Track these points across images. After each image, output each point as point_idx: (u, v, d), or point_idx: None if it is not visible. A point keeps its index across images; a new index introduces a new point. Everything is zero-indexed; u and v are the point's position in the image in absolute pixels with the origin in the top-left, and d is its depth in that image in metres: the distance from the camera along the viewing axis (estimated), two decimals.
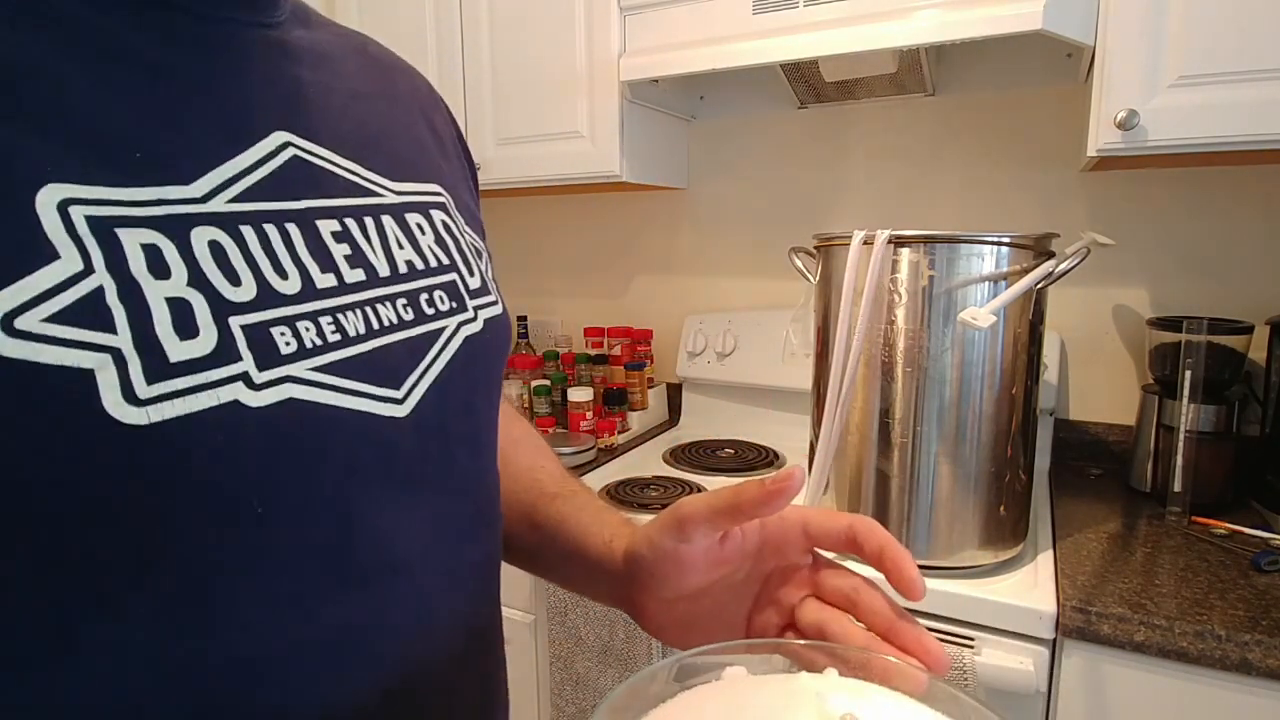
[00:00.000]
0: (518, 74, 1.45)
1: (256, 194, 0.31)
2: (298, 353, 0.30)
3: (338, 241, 0.34)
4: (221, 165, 0.31)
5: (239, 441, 0.28)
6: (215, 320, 0.28)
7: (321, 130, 0.36)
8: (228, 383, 0.28)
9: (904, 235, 0.91)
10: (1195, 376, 1.10)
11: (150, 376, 0.26)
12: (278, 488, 0.30)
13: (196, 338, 0.27)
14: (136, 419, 0.25)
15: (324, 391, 0.31)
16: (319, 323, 0.32)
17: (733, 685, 0.28)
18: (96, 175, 0.26)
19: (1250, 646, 0.78)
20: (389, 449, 0.34)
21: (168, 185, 0.28)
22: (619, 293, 1.83)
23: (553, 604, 1.15)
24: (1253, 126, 0.94)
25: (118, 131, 0.28)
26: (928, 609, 0.92)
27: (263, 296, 0.30)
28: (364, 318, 0.34)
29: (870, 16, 1.11)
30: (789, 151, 1.58)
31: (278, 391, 0.29)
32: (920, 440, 0.94)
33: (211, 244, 0.29)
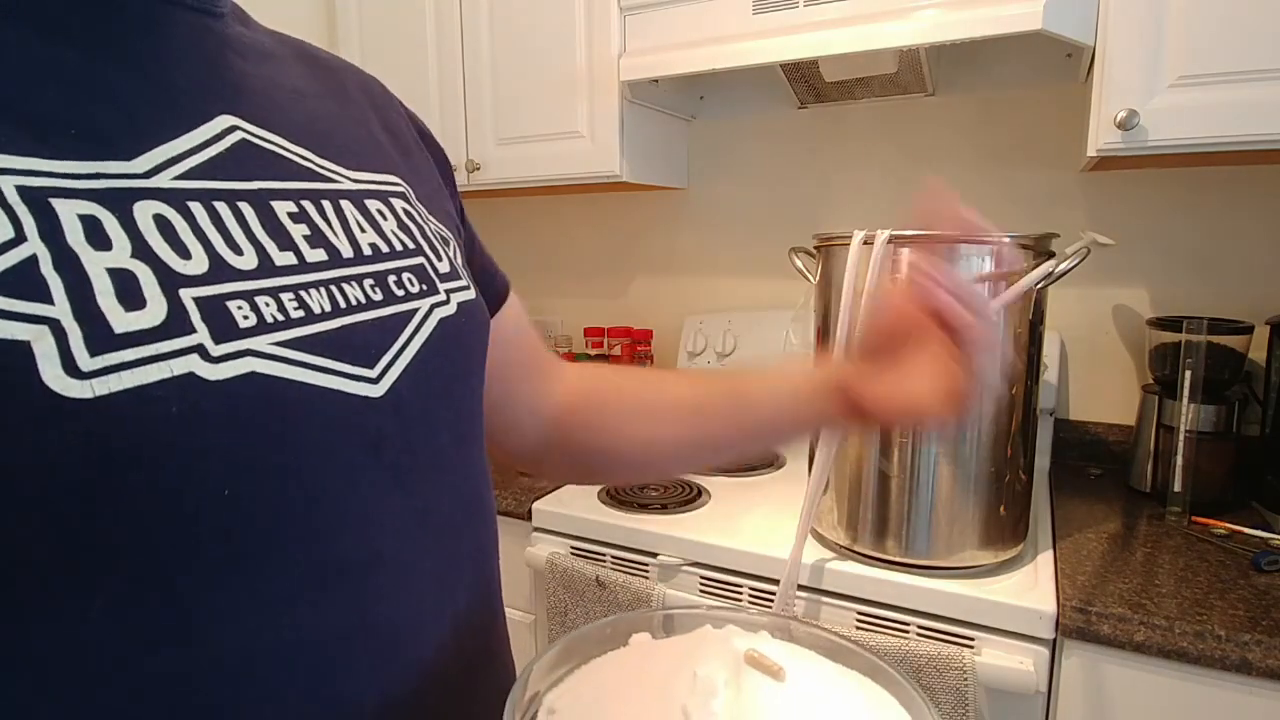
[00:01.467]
0: (518, 74, 1.45)
1: (205, 173, 0.30)
2: (257, 327, 0.29)
3: (295, 222, 0.33)
4: (165, 144, 0.30)
5: (198, 416, 0.26)
6: (164, 292, 0.27)
7: (270, 118, 0.35)
8: (181, 354, 0.26)
9: (904, 235, 0.91)
10: (1195, 376, 1.10)
11: (93, 347, 0.24)
12: (246, 469, 0.28)
13: (144, 309, 0.26)
14: (80, 392, 0.24)
15: (289, 366, 0.30)
16: (280, 298, 0.30)
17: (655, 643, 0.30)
18: (28, 147, 0.25)
19: (1250, 646, 0.78)
20: (366, 430, 0.33)
21: (106, 160, 0.27)
22: (619, 293, 1.83)
23: (552, 604, 1.15)
24: (1252, 126, 0.94)
25: (51, 106, 0.27)
26: (928, 609, 0.92)
27: (216, 270, 0.29)
28: (329, 296, 0.33)
29: (870, 16, 1.11)
30: (789, 151, 1.58)
31: (237, 365, 0.28)
32: (920, 440, 0.94)
33: (157, 218, 0.28)
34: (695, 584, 1.07)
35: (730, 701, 0.26)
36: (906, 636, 0.93)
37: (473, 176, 1.53)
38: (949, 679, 0.86)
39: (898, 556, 0.96)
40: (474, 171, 1.53)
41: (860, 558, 0.99)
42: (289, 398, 0.29)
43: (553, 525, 1.19)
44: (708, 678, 0.27)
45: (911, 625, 0.93)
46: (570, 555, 1.15)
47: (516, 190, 1.61)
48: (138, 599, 0.26)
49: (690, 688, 0.27)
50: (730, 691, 0.27)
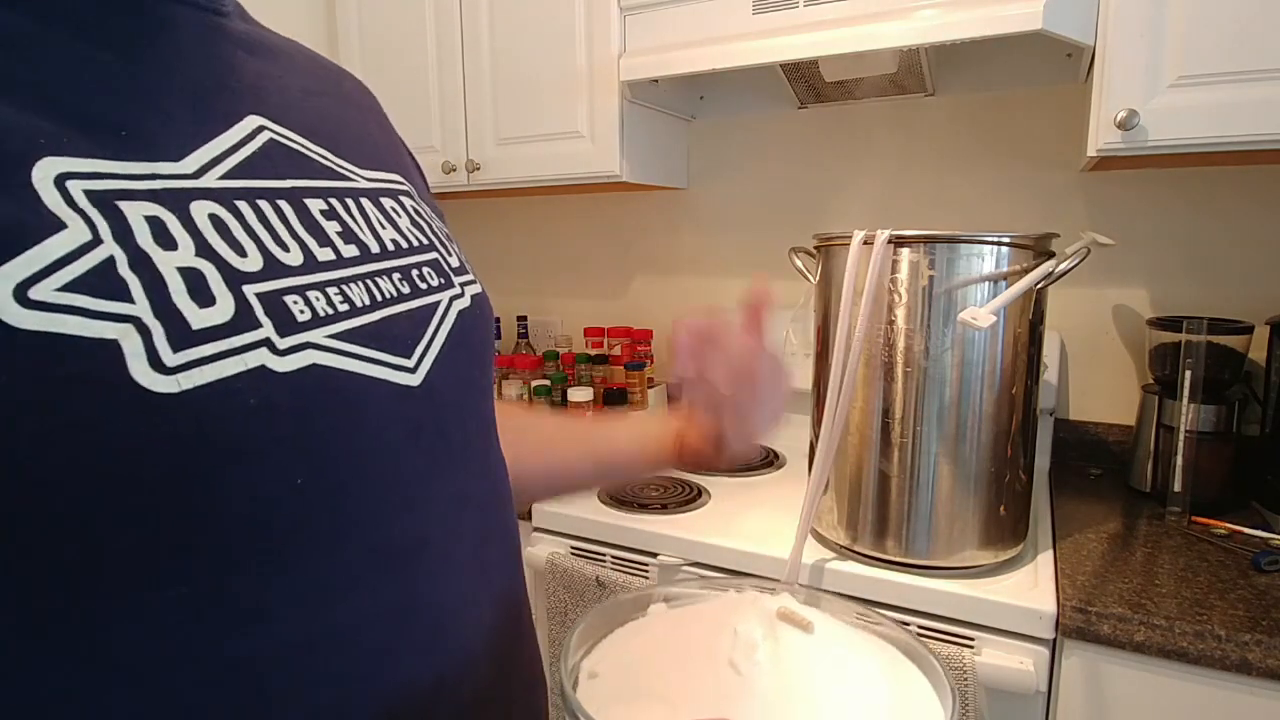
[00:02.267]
0: (518, 74, 1.45)
1: (244, 172, 0.31)
2: (313, 320, 0.30)
3: (327, 219, 0.34)
4: (206, 144, 0.31)
5: (271, 407, 0.27)
6: (230, 289, 0.28)
7: (289, 118, 0.36)
8: (253, 348, 0.27)
9: (904, 235, 0.91)
10: (1195, 376, 1.10)
11: (175, 344, 0.25)
12: (314, 458, 0.29)
13: (214, 305, 0.27)
14: (167, 387, 0.25)
15: (344, 358, 0.31)
16: (326, 293, 0.32)
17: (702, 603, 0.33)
18: (89, 149, 0.26)
19: (1250, 646, 0.78)
20: (408, 418, 0.34)
21: (159, 161, 0.28)
22: (619, 293, 1.83)
23: (553, 604, 1.15)
24: (1253, 126, 0.94)
25: (101, 108, 0.27)
26: (928, 609, 0.92)
27: (270, 267, 0.30)
28: (366, 290, 0.34)
29: (870, 16, 1.11)
30: (789, 151, 1.58)
31: (301, 357, 0.29)
32: (920, 440, 0.94)
33: (212, 217, 0.29)
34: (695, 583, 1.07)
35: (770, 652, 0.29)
36: None
37: (473, 176, 1.53)
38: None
39: (898, 556, 0.96)
40: (474, 171, 1.53)
41: (860, 558, 0.99)
42: (347, 388, 0.31)
43: (553, 525, 1.19)
44: (748, 633, 0.30)
45: (911, 625, 0.93)
46: (570, 555, 1.15)
47: (516, 190, 1.61)
48: (215, 586, 0.26)
49: (733, 643, 0.29)
50: (769, 644, 0.29)
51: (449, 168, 1.54)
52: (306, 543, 0.29)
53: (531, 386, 1.61)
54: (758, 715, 0.27)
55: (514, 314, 1.92)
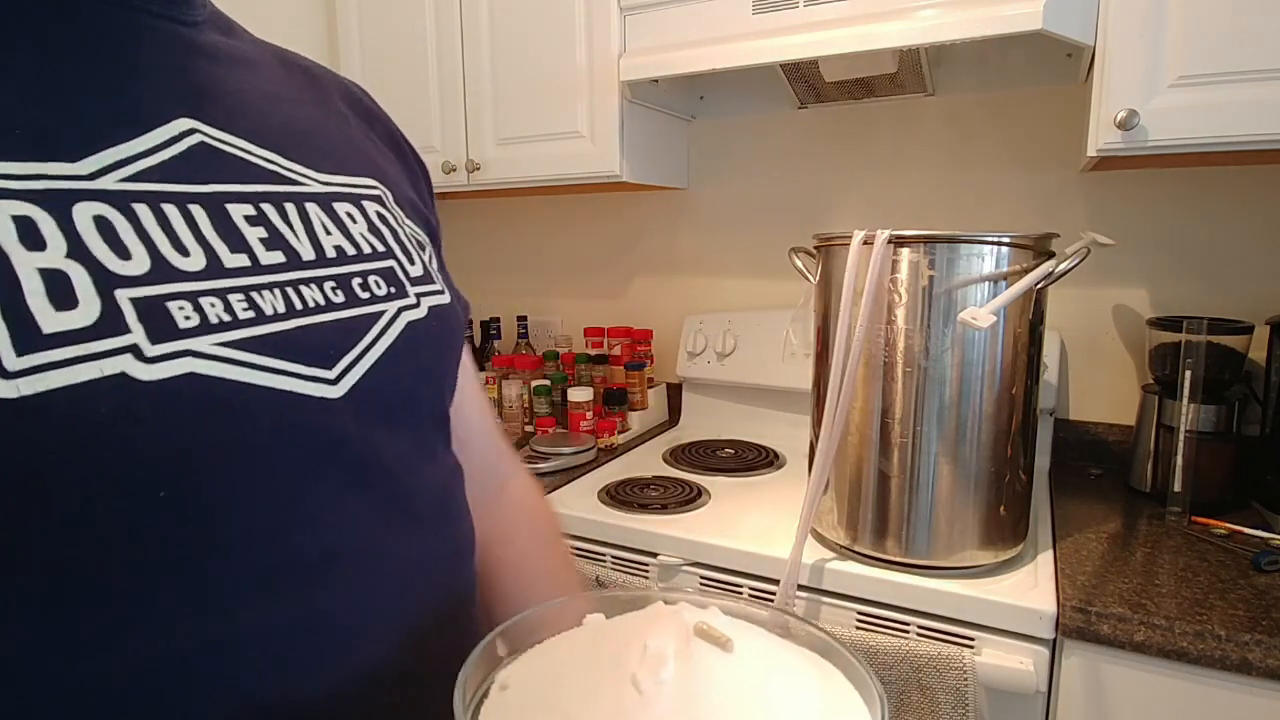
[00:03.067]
0: (518, 74, 1.45)
1: (155, 175, 0.31)
2: (199, 327, 0.29)
3: (251, 225, 0.33)
4: (115, 146, 0.30)
5: (130, 416, 0.26)
6: (99, 292, 0.27)
7: (236, 122, 0.35)
8: (114, 354, 0.26)
9: (904, 235, 0.91)
10: (1195, 376, 1.10)
11: (20, 347, 0.24)
12: (184, 470, 0.28)
13: (75, 309, 0.26)
14: (5, 392, 0.24)
15: (233, 367, 0.30)
16: (228, 299, 0.31)
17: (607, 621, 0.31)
18: None
19: (1250, 646, 0.78)
20: (322, 431, 0.33)
21: (50, 162, 0.27)
22: (619, 293, 1.83)
23: None
24: (1253, 126, 0.94)
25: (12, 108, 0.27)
26: (928, 609, 0.92)
27: (157, 271, 0.29)
28: (284, 297, 0.33)
29: (870, 16, 1.11)
30: (789, 151, 1.58)
31: (175, 365, 0.28)
32: (920, 440, 0.94)
33: (97, 219, 0.28)
34: (695, 584, 1.07)
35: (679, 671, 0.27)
36: (906, 636, 0.93)
37: (473, 176, 1.53)
38: (949, 679, 0.86)
39: (898, 556, 0.96)
40: (474, 171, 1.53)
41: (860, 558, 0.99)
42: (232, 398, 0.29)
43: None
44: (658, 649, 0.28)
45: (911, 625, 0.93)
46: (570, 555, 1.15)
47: (516, 190, 1.61)
48: (69, 601, 0.25)
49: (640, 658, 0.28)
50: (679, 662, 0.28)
51: (449, 168, 1.54)
52: (180, 558, 0.28)
53: (531, 386, 1.61)
54: None
55: (514, 314, 1.92)
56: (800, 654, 0.31)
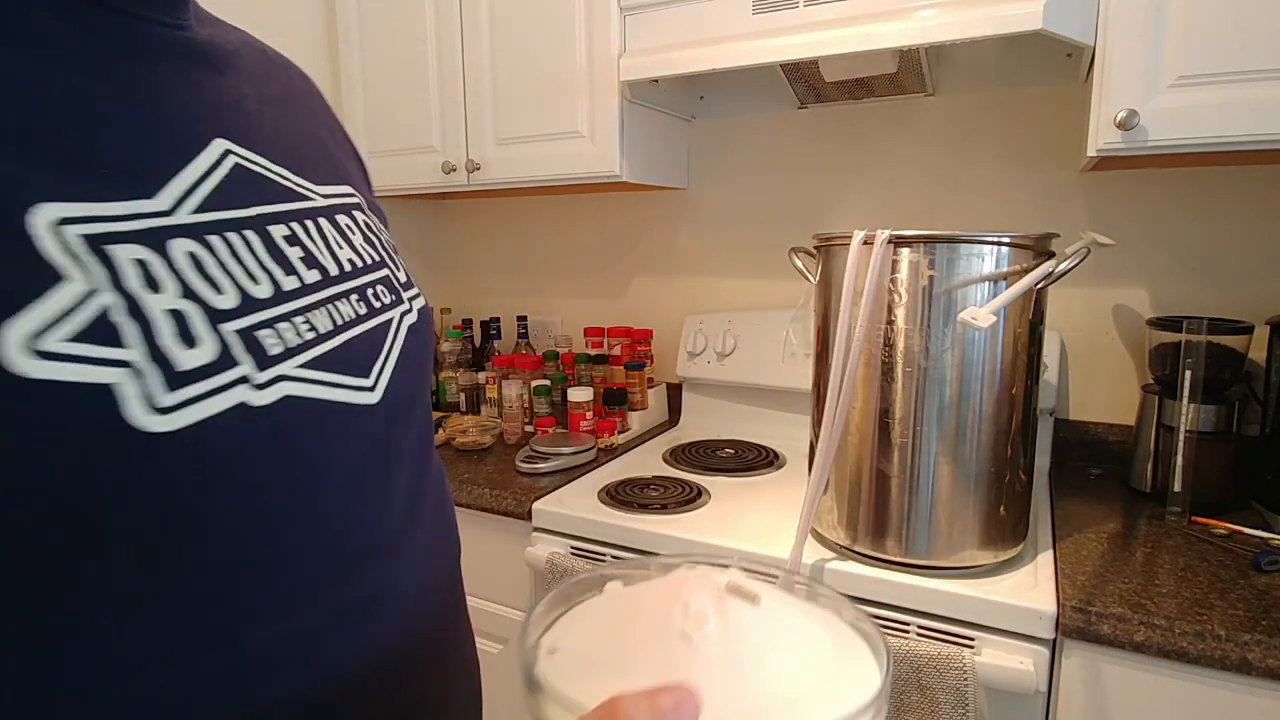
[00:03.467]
0: (518, 74, 1.45)
1: (213, 203, 0.32)
2: (284, 353, 0.32)
3: (290, 245, 0.36)
4: (177, 176, 0.31)
5: (250, 440, 0.29)
6: (210, 328, 0.29)
7: (251, 136, 0.37)
8: (234, 385, 0.29)
9: (904, 235, 0.91)
10: (1195, 376, 1.10)
11: (169, 385, 0.27)
12: (290, 482, 0.31)
13: (198, 346, 0.29)
14: (162, 426, 0.26)
15: (313, 386, 0.33)
16: (293, 323, 0.33)
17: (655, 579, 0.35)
18: (78, 192, 0.27)
19: (1250, 646, 0.78)
20: (368, 434, 0.36)
21: (138, 199, 0.29)
22: (619, 293, 1.83)
23: None
24: (1253, 126, 0.94)
25: (85, 144, 0.28)
26: (928, 609, 0.92)
27: (244, 303, 0.31)
28: (328, 315, 0.36)
29: (870, 16, 1.11)
30: (789, 151, 1.58)
31: (276, 390, 0.31)
32: (920, 440, 0.94)
33: (188, 255, 0.30)
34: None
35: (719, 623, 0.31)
36: (906, 636, 0.93)
37: (473, 176, 1.53)
38: (949, 679, 0.86)
39: (898, 556, 0.96)
40: (474, 171, 1.53)
41: (860, 558, 0.99)
42: (318, 414, 0.33)
43: (553, 525, 1.19)
44: (699, 606, 0.32)
45: (911, 625, 0.93)
46: (570, 555, 1.15)
47: (516, 190, 1.61)
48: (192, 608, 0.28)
49: (685, 615, 0.32)
50: (718, 616, 0.32)
51: (449, 168, 1.54)
52: (281, 559, 0.31)
53: (531, 386, 1.61)
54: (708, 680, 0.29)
55: (514, 314, 1.92)
56: (811, 607, 0.36)
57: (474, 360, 1.88)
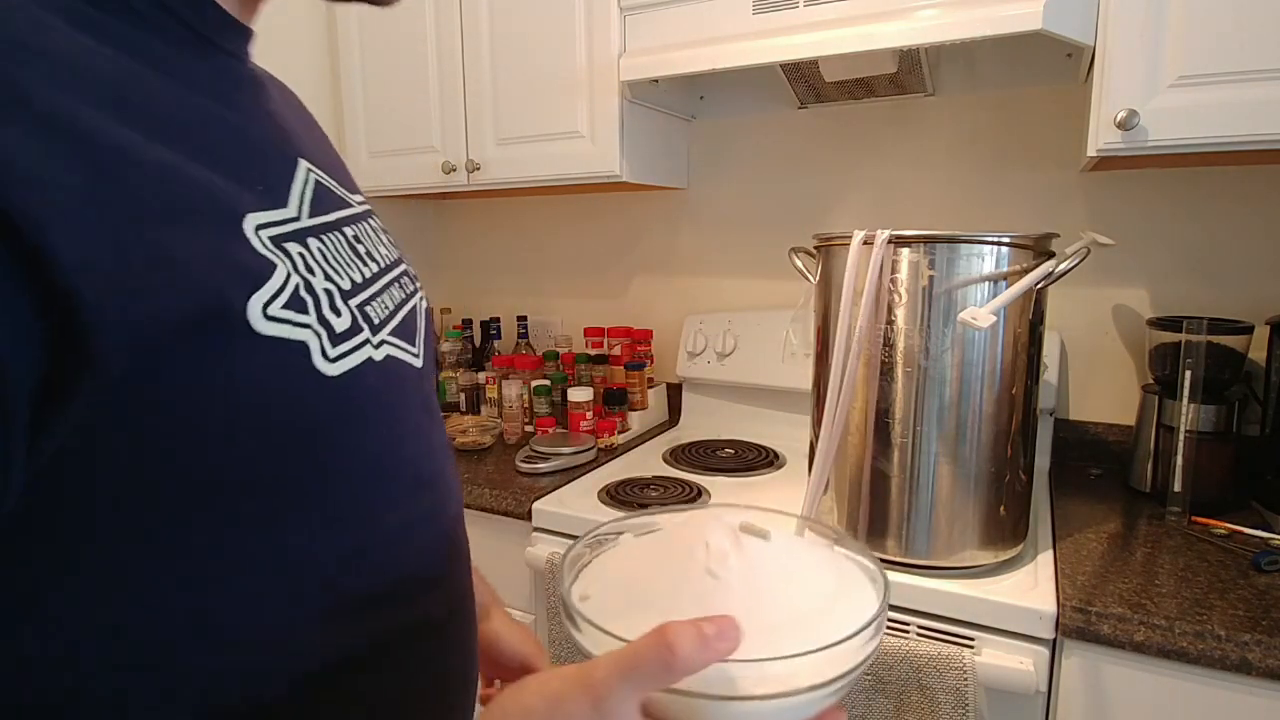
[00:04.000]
0: (518, 74, 1.45)
1: (314, 209, 0.41)
2: (379, 324, 0.42)
3: (355, 243, 0.44)
4: (291, 189, 0.40)
5: (373, 386, 0.39)
6: (344, 302, 0.39)
7: (312, 157, 0.45)
8: (362, 346, 0.39)
9: (904, 235, 0.91)
10: (1195, 376, 1.10)
11: (332, 343, 0.37)
12: (391, 420, 0.41)
13: (341, 316, 0.38)
14: (331, 371, 0.36)
15: (395, 349, 0.43)
16: (375, 303, 0.43)
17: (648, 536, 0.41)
18: (258, 204, 0.36)
19: (1250, 646, 0.78)
20: (420, 388, 0.46)
21: (280, 209, 0.38)
22: (619, 293, 1.83)
23: (552, 604, 1.15)
24: (1253, 126, 0.94)
25: (246, 166, 0.37)
26: (928, 609, 0.92)
27: (353, 286, 0.41)
28: (389, 297, 0.46)
29: (870, 16, 1.11)
30: (789, 151, 1.58)
31: (383, 350, 0.41)
32: (920, 440, 0.94)
33: (318, 250, 0.39)
34: None
35: (738, 559, 0.36)
36: (906, 636, 0.93)
37: (473, 176, 1.54)
38: (949, 679, 0.86)
39: (898, 556, 0.96)
40: (474, 171, 1.53)
41: None
42: (399, 369, 0.43)
43: (553, 525, 1.19)
44: (719, 545, 0.37)
45: (911, 625, 0.93)
46: None
47: (516, 190, 1.61)
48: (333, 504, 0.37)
49: (707, 554, 0.36)
50: (736, 552, 0.36)
51: (449, 168, 1.54)
52: (382, 477, 0.40)
53: (531, 386, 1.61)
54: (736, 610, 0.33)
55: (514, 314, 1.92)
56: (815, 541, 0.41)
57: (474, 360, 1.88)
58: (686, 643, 0.30)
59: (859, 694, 0.91)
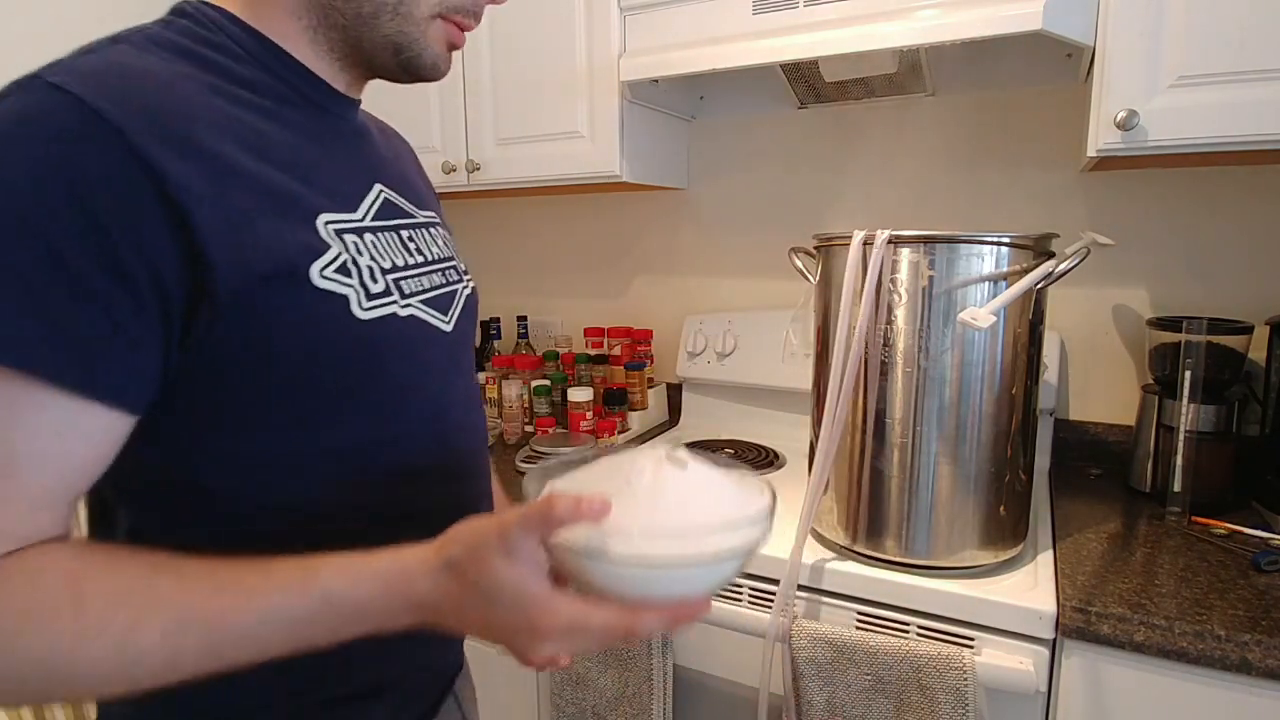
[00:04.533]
0: (518, 74, 1.45)
1: (378, 216, 0.59)
2: (413, 294, 0.59)
3: (409, 241, 0.62)
4: (363, 201, 0.58)
5: (394, 332, 0.56)
6: (383, 276, 0.56)
7: (388, 180, 0.63)
8: (390, 304, 0.56)
9: (904, 235, 0.91)
10: (1195, 376, 1.10)
11: (366, 300, 0.54)
12: (412, 358, 0.58)
13: (377, 283, 0.55)
14: (365, 317, 0.53)
15: (421, 311, 0.59)
16: (411, 281, 0.59)
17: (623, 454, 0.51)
18: (329, 207, 0.54)
19: (1250, 646, 0.78)
20: (445, 347, 0.62)
21: (350, 212, 0.56)
22: (619, 293, 1.83)
23: None
24: (1253, 126, 0.94)
25: (326, 182, 0.55)
26: (928, 609, 0.92)
27: (393, 266, 0.58)
28: (429, 280, 0.62)
29: (870, 16, 1.11)
30: (789, 151, 1.58)
31: (407, 309, 0.57)
32: (920, 440, 0.94)
33: (371, 241, 0.57)
34: None
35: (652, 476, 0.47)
36: (906, 636, 0.93)
37: (473, 176, 1.54)
38: (949, 679, 0.86)
39: (898, 556, 0.96)
40: (474, 171, 1.53)
41: (860, 558, 0.99)
42: (424, 326, 0.60)
43: None
44: (640, 465, 0.48)
45: (911, 625, 0.93)
46: None
47: (516, 190, 1.61)
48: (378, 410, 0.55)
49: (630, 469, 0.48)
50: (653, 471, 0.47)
51: (449, 168, 1.54)
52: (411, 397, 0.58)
53: (531, 386, 1.61)
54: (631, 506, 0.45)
55: (514, 314, 1.92)
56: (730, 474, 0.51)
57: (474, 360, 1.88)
58: (562, 502, 0.43)
59: (859, 694, 0.91)
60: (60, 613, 0.41)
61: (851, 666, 0.91)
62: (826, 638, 0.92)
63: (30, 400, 0.41)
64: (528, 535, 0.44)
